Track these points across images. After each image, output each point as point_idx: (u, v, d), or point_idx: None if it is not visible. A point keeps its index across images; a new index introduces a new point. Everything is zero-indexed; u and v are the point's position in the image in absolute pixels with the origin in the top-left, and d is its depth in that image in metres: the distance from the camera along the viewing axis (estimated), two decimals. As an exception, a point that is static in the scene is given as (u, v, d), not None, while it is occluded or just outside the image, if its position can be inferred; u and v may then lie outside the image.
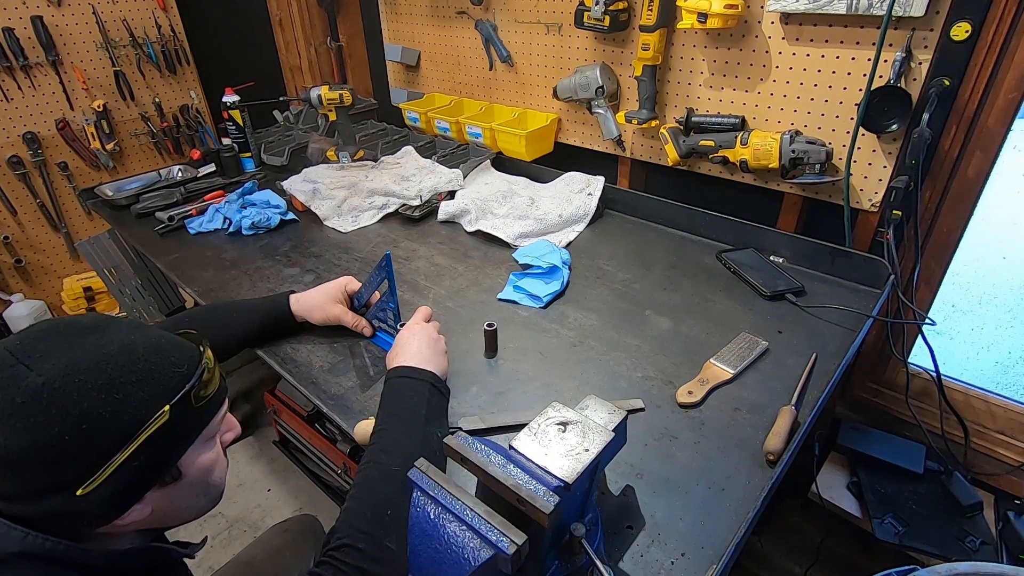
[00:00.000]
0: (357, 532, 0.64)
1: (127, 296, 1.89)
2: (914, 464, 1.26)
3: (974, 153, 1.08)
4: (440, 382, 0.86)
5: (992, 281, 1.27)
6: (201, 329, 0.98)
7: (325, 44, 2.42)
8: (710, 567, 0.66)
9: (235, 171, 1.85)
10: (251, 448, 2.06)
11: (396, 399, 0.80)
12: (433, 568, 0.51)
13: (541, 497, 0.51)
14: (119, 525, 0.57)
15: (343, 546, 0.63)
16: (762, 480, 0.77)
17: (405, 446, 0.74)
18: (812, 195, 1.28)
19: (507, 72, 1.74)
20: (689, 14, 1.19)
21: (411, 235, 1.46)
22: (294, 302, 1.04)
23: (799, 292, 1.14)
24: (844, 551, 1.46)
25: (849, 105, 1.16)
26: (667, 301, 1.16)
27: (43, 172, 2.18)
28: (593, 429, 0.60)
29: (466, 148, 1.81)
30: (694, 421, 0.87)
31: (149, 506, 0.59)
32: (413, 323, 0.94)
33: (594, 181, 1.52)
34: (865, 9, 1.04)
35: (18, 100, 2.07)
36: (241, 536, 1.75)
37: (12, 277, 2.27)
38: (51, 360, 0.53)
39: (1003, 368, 1.30)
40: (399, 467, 0.70)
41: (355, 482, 0.71)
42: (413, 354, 0.87)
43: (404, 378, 0.83)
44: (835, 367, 0.95)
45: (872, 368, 1.38)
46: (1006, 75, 1.00)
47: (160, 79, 2.36)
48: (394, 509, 0.67)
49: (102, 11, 2.14)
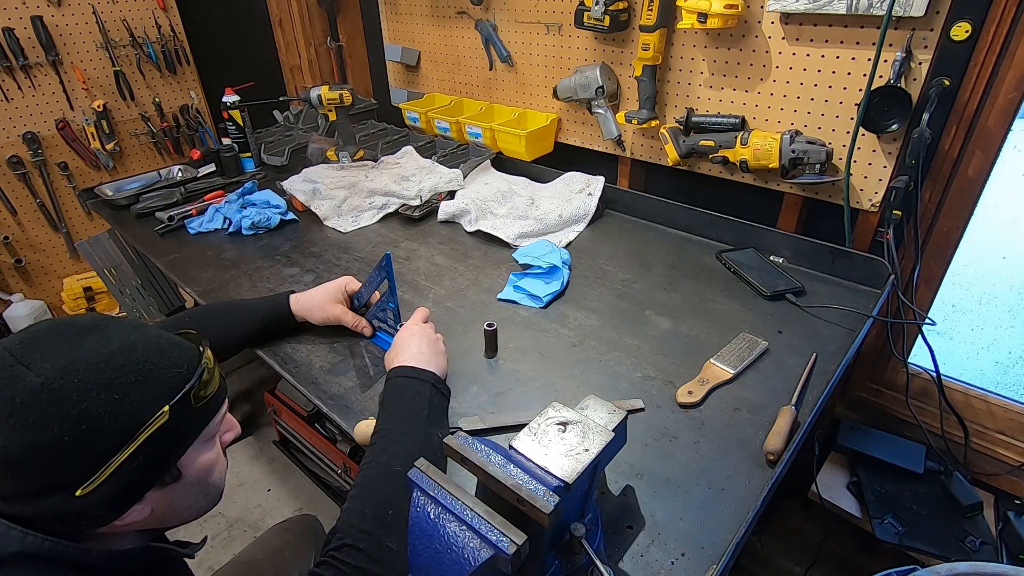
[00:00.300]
0: (358, 532, 0.64)
1: (127, 296, 1.89)
2: (914, 464, 1.26)
3: (974, 153, 1.08)
4: (441, 382, 0.86)
5: (992, 281, 1.27)
6: (201, 329, 0.98)
7: (325, 44, 2.42)
8: (710, 567, 0.66)
9: (235, 171, 1.85)
10: (251, 448, 2.06)
11: (397, 399, 0.80)
12: (433, 568, 0.51)
13: (541, 497, 0.51)
14: (119, 525, 0.57)
15: (344, 546, 0.63)
16: (762, 480, 0.77)
17: (406, 446, 0.74)
18: (812, 195, 1.28)
19: (507, 72, 1.74)
20: (689, 14, 1.19)
21: (411, 235, 1.46)
22: (294, 302, 1.04)
23: (799, 292, 1.14)
24: (844, 551, 1.46)
25: (849, 105, 1.16)
26: (667, 301, 1.16)
27: (43, 172, 2.18)
28: (593, 429, 0.60)
29: (466, 148, 1.81)
30: (694, 421, 0.87)
31: (149, 506, 0.59)
32: (412, 323, 0.94)
33: (594, 181, 1.52)
34: (865, 9, 1.04)
35: (18, 100, 2.07)
36: (241, 536, 1.75)
37: (12, 277, 2.27)
38: (50, 360, 0.53)
39: (1003, 368, 1.30)
40: (400, 467, 0.70)
41: (356, 482, 0.71)
42: (414, 354, 0.87)
43: (405, 378, 0.83)
44: (835, 367, 0.95)
45: (872, 368, 1.38)
46: (1006, 75, 1.00)
47: (160, 79, 2.36)
48: (395, 509, 0.67)
49: (102, 11, 2.14)
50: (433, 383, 0.83)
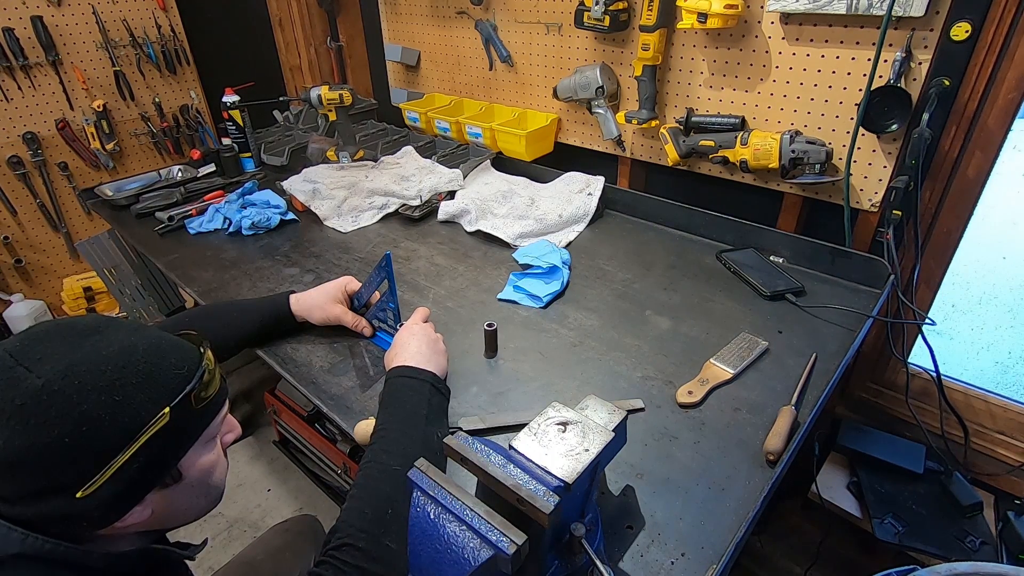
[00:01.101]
0: (357, 531, 0.64)
1: (127, 296, 1.89)
2: (914, 464, 1.26)
3: (974, 153, 1.08)
4: (440, 382, 0.86)
5: (992, 281, 1.27)
6: (201, 329, 0.98)
7: (325, 44, 2.42)
8: (710, 567, 0.66)
9: (235, 171, 1.85)
10: (251, 448, 2.06)
11: (397, 399, 0.80)
12: (433, 568, 0.51)
13: (541, 497, 0.51)
14: (119, 527, 0.57)
15: (343, 545, 0.63)
16: (762, 480, 0.77)
17: (406, 446, 0.74)
18: (812, 195, 1.28)
19: (507, 72, 1.74)
20: (689, 14, 1.19)
21: (411, 235, 1.46)
22: (294, 302, 1.04)
23: (799, 292, 1.14)
24: (844, 551, 1.46)
25: (849, 105, 1.16)
26: (667, 301, 1.16)
27: (43, 172, 2.18)
28: (593, 429, 0.60)
29: (466, 148, 1.81)
30: (694, 421, 0.87)
31: (149, 508, 0.59)
32: (412, 323, 0.94)
33: (594, 181, 1.52)
34: (865, 9, 1.04)
35: (18, 100, 2.07)
36: (241, 536, 1.75)
37: (12, 277, 2.27)
38: (50, 362, 0.53)
39: (1003, 368, 1.30)
40: (399, 466, 0.70)
41: (356, 481, 0.71)
42: (413, 354, 0.86)
43: (405, 378, 0.83)
44: (835, 367, 0.95)
45: (872, 368, 1.38)
46: (1006, 75, 1.00)
47: (160, 79, 2.36)
48: (394, 508, 0.67)
49: (102, 11, 2.14)
50: (432, 383, 0.83)
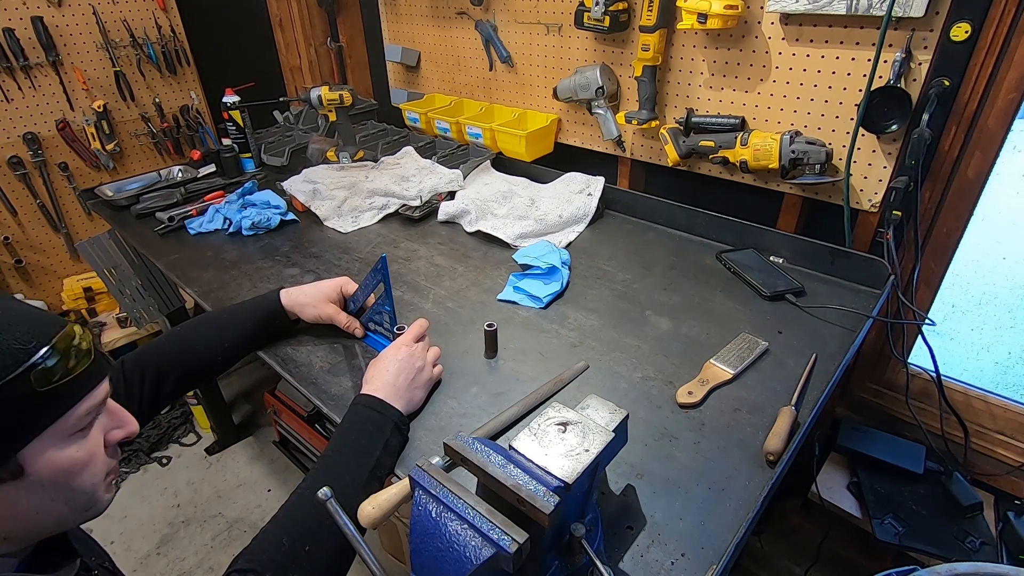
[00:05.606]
0: (268, 559, 0.62)
1: (127, 296, 1.89)
2: (914, 464, 1.26)
3: (974, 153, 1.08)
4: (405, 422, 0.82)
5: (992, 281, 1.27)
6: (193, 339, 0.95)
7: (325, 44, 2.42)
8: (710, 567, 0.66)
9: (235, 171, 1.85)
10: (251, 448, 2.06)
11: (356, 430, 0.78)
12: (434, 566, 0.51)
13: (541, 497, 0.51)
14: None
15: (249, 571, 0.61)
16: (762, 480, 0.77)
17: (347, 483, 0.70)
18: (812, 195, 1.28)
19: (507, 72, 1.74)
20: (689, 15, 1.19)
21: (411, 235, 1.46)
22: (284, 296, 1.02)
23: (799, 292, 1.14)
24: (844, 551, 1.46)
25: (849, 105, 1.16)
26: (667, 301, 1.16)
27: (43, 172, 2.18)
28: (593, 429, 0.60)
29: (466, 148, 1.81)
30: (694, 421, 0.87)
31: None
32: (402, 342, 0.90)
33: (594, 181, 1.52)
34: (865, 9, 1.04)
35: (18, 100, 2.07)
36: (241, 536, 1.75)
37: (12, 277, 2.26)
38: None
39: (1003, 368, 1.30)
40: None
41: (284, 503, 0.68)
42: (387, 384, 0.83)
43: (371, 410, 0.80)
44: (835, 367, 0.95)
45: (872, 368, 1.38)
46: (1006, 75, 1.00)
47: (160, 79, 2.36)
48: (313, 545, 0.64)
49: (102, 11, 2.14)
50: (397, 422, 0.80)
